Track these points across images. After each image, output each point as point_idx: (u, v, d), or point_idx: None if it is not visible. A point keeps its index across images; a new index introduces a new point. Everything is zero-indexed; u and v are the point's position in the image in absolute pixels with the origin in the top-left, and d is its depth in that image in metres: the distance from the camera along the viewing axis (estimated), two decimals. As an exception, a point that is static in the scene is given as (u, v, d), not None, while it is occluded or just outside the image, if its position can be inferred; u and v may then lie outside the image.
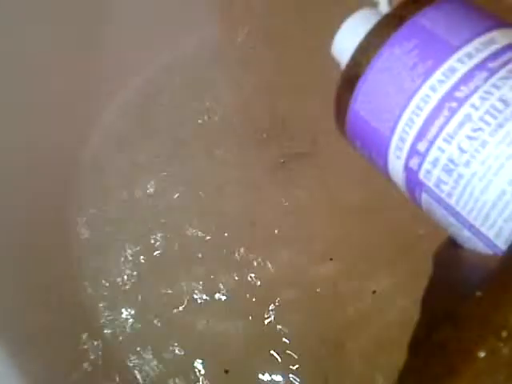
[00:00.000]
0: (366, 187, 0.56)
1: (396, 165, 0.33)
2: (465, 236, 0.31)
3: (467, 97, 0.30)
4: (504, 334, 0.21)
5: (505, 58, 0.30)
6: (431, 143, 0.31)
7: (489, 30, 0.32)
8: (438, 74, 0.31)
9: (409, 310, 0.52)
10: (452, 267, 0.33)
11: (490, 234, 0.29)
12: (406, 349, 0.29)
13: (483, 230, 0.30)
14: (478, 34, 0.31)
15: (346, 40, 0.36)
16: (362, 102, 0.34)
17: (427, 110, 0.31)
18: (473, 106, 0.30)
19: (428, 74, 0.31)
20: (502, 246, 0.29)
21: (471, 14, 0.33)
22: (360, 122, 0.34)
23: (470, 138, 0.29)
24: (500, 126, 0.29)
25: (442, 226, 0.33)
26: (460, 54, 0.31)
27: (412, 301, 0.31)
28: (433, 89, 0.31)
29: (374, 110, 0.33)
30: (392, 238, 0.56)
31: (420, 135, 0.31)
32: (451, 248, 0.34)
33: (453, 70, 0.30)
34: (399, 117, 0.32)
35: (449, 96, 0.30)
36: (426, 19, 0.33)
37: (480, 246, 0.30)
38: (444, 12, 0.33)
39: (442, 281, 0.33)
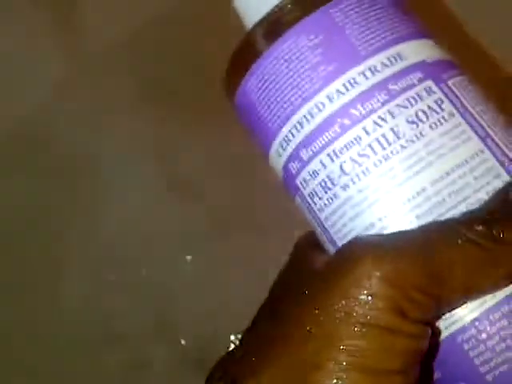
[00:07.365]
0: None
1: (276, 160, 0.31)
2: (328, 247, 0.31)
3: (361, 118, 0.28)
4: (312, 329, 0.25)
5: (408, 80, 0.28)
6: (315, 155, 0.29)
7: (401, 40, 0.30)
8: (337, 84, 0.29)
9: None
10: (300, 263, 0.33)
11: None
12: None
13: (346, 252, 0.29)
14: (387, 45, 0.29)
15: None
16: (255, 86, 0.31)
17: (319, 119, 0.29)
18: (364, 129, 0.28)
19: (328, 81, 0.29)
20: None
21: (387, 14, 0.30)
22: (249, 105, 0.32)
23: (354, 161, 0.28)
24: (386, 158, 0.28)
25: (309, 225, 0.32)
26: (364, 66, 0.29)
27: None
28: (329, 98, 0.29)
29: (266, 99, 0.31)
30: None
31: (305, 143, 0.29)
32: (309, 247, 0.34)
33: (353, 84, 0.28)
34: (289, 117, 0.30)
35: (343, 111, 0.28)
36: (338, 10, 0.30)
37: None
38: (359, 3, 0.30)
39: (288, 271, 0.33)
